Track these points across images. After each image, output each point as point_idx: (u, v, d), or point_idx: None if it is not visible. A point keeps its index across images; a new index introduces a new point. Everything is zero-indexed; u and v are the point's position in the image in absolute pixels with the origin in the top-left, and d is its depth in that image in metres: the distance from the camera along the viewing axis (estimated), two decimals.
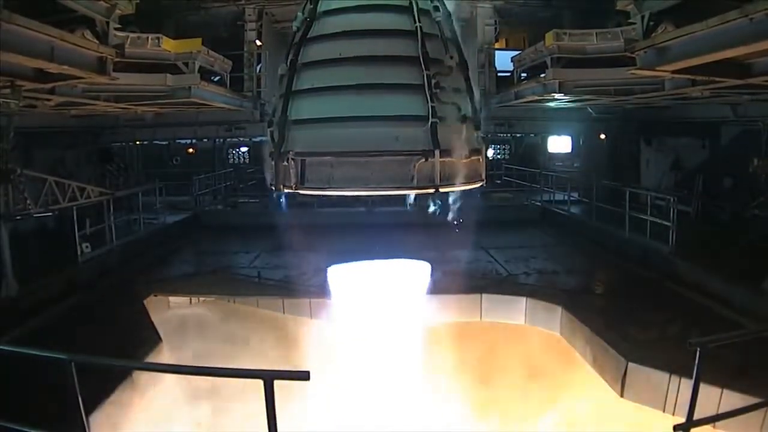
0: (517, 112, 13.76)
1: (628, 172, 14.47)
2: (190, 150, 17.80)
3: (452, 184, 3.65)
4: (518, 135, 19.21)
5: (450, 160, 3.56)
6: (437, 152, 3.43)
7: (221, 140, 17.90)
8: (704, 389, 3.57)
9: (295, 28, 3.88)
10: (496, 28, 12.77)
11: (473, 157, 3.76)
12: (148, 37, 8.15)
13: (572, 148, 19.03)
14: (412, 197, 4.00)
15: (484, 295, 8.30)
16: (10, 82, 5.46)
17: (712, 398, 4.83)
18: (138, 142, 16.40)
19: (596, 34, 8.41)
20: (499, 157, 20.02)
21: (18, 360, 3.88)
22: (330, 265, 8.48)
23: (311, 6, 3.78)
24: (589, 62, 8.60)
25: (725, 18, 4.15)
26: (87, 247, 8.89)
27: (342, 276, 8.17)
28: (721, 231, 10.26)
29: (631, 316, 7.00)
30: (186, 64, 8.78)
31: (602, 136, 14.99)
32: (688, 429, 3.11)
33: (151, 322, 7.37)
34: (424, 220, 11.73)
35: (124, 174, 15.47)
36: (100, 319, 7.23)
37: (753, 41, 4.12)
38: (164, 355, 6.85)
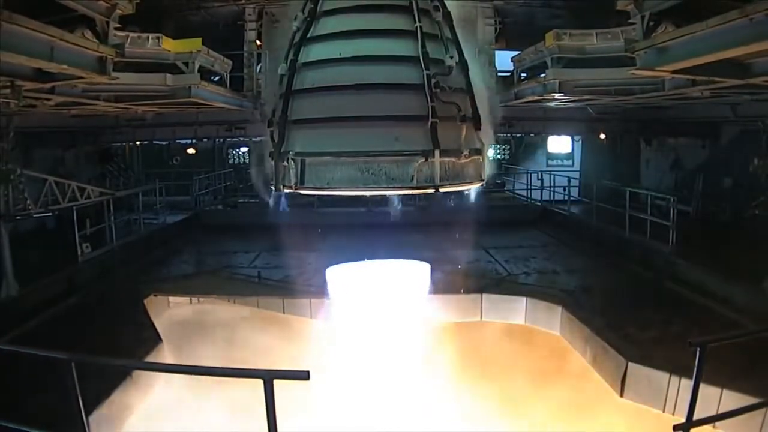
0: (517, 112, 13.75)
1: (628, 172, 14.48)
2: (190, 150, 17.79)
3: (452, 184, 3.65)
4: (518, 135, 19.20)
5: (450, 160, 3.56)
6: (437, 152, 3.43)
7: (221, 140, 17.89)
8: (704, 389, 3.56)
9: (295, 28, 3.87)
10: (496, 28, 12.75)
11: (473, 157, 3.75)
12: (148, 37, 8.16)
13: (572, 148, 19.06)
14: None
15: (484, 295, 8.30)
16: (10, 82, 5.46)
17: (712, 398, 4.84)
18: (138, 142, 16.39)
19: (596, 34, 8.42)
20: (499, 157, 20.02)
21: (18, 360, 3.88)
22: (330, 266, 8.48)
23: (312, 5, 3.77)
24: (589, 62, 8.60)
25: (725, 18, 4.15)
26: (87, 247, 8.89)
27: (342, 276, 8.17)
28: (721, 231, 10.26)
29: (631, 316, 7.00)
30: (186, 64, 8.78)
31: (602, 136, 14.99)
32: (688, 429, 3.10)
33: (152, 322, 7.37)
34: (424, 220, 11.81)
35: (124, 174, 15.49)
36: (101, 319, 7.22)
37: (753, 41, 4.12)
38: (164, 355, 6.84)
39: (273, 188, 3.78)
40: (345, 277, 8.21)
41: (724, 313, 6.83)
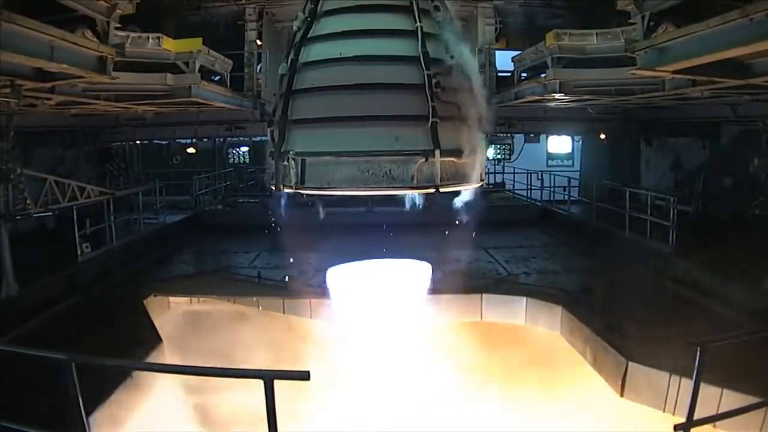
0: (517, 112, 13.75)
1: (628, 172, 14.48)
2: (190, 149, 17.83)
3: (452, 184, 3.65)
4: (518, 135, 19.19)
5: (450, 160, 3.56)
6: (437, 152, 3.43)
7: (221, 140, 17.90)
8: (704, 389, 3.56)
9: (295, 28, 3.88)
10: (497, 28, 12.76)
11: (473, 157, 3.76)
12: (148, 37, 8.14)
13: (572, 148, 19.04)
14: (413, 198, 3.99)
15: (484, 295, 8.30)
16: (10, 81, 5.46)
17: (712, 398, 4.83)
18: (138, 142, 16.40)
19: (596, 34, 8.40)
20: (499, 157, 20.03)
21: (18, 360, 3.87)
22: (330, 266, 8.48)
23: (312, 6, 3.78)
24: (590, 62, 8.60)
25: (726, 18, 4.15)
26: (87, 247, 8.89)
27: (342, 276, 8.17)
28: (721, 231, 10.26)
29: (631, 316, 7.00)
30: (186, 64, 8.77)
31: (602, 136, 15.00)
32: (688, 429, 3.11)
33: (151, 322, 7.37)
34: (424, 220, 11.78)
35: (124, 173, 15.50)
36: (100, 319, 7.22)
37: (753, 41, 4.11)
38: (164, 355, 6.84)
39: (272, 188, 3.79)
40: (345, 277, 8.21)
41: (724, 313, 6.83)
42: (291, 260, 9.76)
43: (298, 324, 8.46)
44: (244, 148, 20.06)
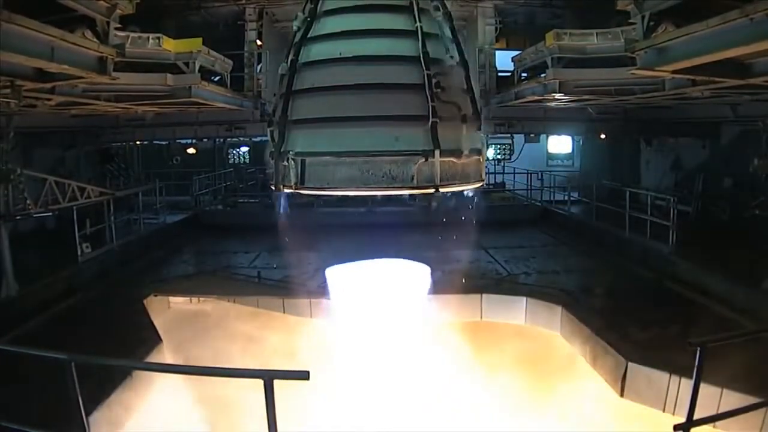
0: (517, 112, 13.75)
1: (628, 172, 14.49)
2: (191, 150, 17.83)
3: (452, 184, 3.64)
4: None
5: (450, 160, 3.56)
6: (437, 152, 3.43)
7: (221, 140, 17.90)
8: (704, 389, 3.56)
9: (295, 28, 3.87)
10: (497, 28, 12.76)
11: (473, 157, 3.76)
12: (148, 37, 8.15)
13: (572, 148, 19.08)
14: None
15: (484, 295, 8.30)
16: (10, 81, 5.46)
17: (712, 398, 4.83)
18: (138, 142, 16.40)
19: (596, 34, 8.40)
20: (499, 157, 20.05)
21: (18, 360, 3.87)
22: (330, 266, 8.48)
23: (312, 5, 3.77)
24: (590, 62, 8.60)
25: (726, 18, 4.15)
26: (87, 247, 8.90)
27: (342, 276, 8.17)
28: (721, 231, 10.26)
29: (631, 316, 7.00)
30: (186, 64, 8.78)
31: (602, 136, 15.01)
32: (688, 429, 3.11)
33: (151, 322, 7.37)
34: (424, 220, 11.80)
35: (125, 174, 15.51)
36: (100, 319, 7.23)
37: (753, 41, 4.11)
38: (164, 355, 6.84)
39: (272, 188, 3.79)
40: (345, 277, 8.21)
41: (724, 313, 6.84)
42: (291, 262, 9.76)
43: (298, 323, 8.47)
44: (244, 149, 20.14)
